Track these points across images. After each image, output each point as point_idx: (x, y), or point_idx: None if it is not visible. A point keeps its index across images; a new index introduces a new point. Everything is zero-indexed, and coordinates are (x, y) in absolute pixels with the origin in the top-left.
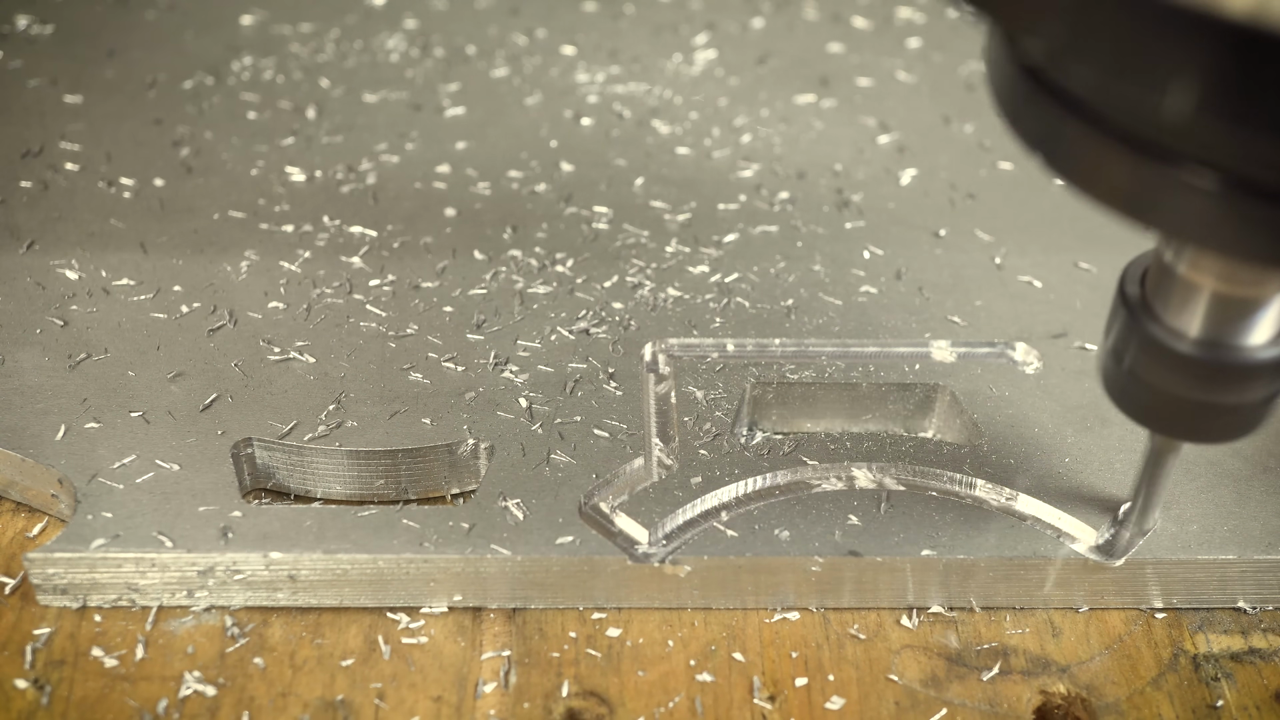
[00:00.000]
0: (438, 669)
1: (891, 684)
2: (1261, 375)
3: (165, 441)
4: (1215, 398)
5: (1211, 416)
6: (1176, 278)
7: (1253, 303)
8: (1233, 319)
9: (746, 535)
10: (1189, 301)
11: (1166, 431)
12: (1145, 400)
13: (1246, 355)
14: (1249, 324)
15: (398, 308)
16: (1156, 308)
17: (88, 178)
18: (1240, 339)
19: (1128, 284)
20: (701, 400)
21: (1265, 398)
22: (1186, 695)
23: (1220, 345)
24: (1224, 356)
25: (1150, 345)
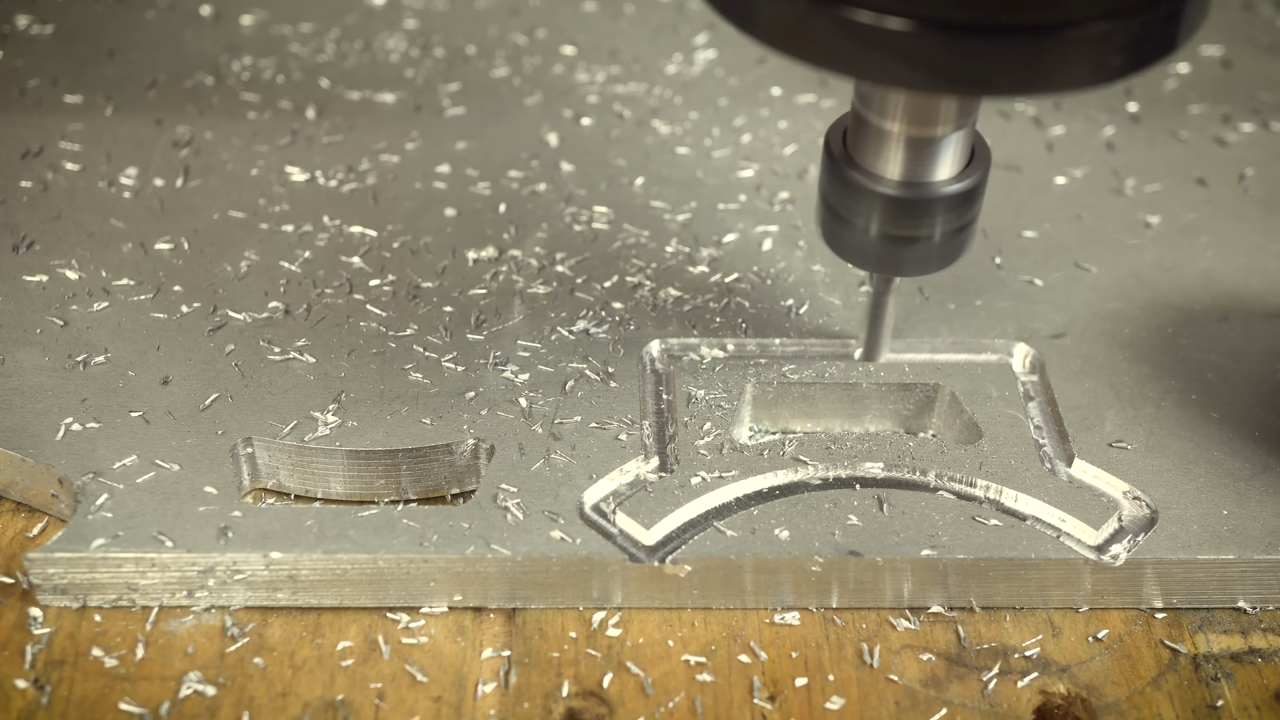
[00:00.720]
0: (438, 669)
1: (891, 684)
2: (953, 207)
3: (165, 441)
4: (913, 231)
5: (912, 249)
6: (869, 127)
7: (933, 142)
8: (920, 159)
9: (746, 535)
10: (881, 147)
11: (878, 268)
12: (856, 241)
13: (937, 190)
14: (934, 163)
15: (398, 308)
16: (856, 157)
17: (88, 178)
18: (929, 177)
19: (831, 141)
20: (701, 400)
21: (956, 228)
22: (1186, 695)
23: (913, 184)
24: (917, 193)
25: (855, 190)
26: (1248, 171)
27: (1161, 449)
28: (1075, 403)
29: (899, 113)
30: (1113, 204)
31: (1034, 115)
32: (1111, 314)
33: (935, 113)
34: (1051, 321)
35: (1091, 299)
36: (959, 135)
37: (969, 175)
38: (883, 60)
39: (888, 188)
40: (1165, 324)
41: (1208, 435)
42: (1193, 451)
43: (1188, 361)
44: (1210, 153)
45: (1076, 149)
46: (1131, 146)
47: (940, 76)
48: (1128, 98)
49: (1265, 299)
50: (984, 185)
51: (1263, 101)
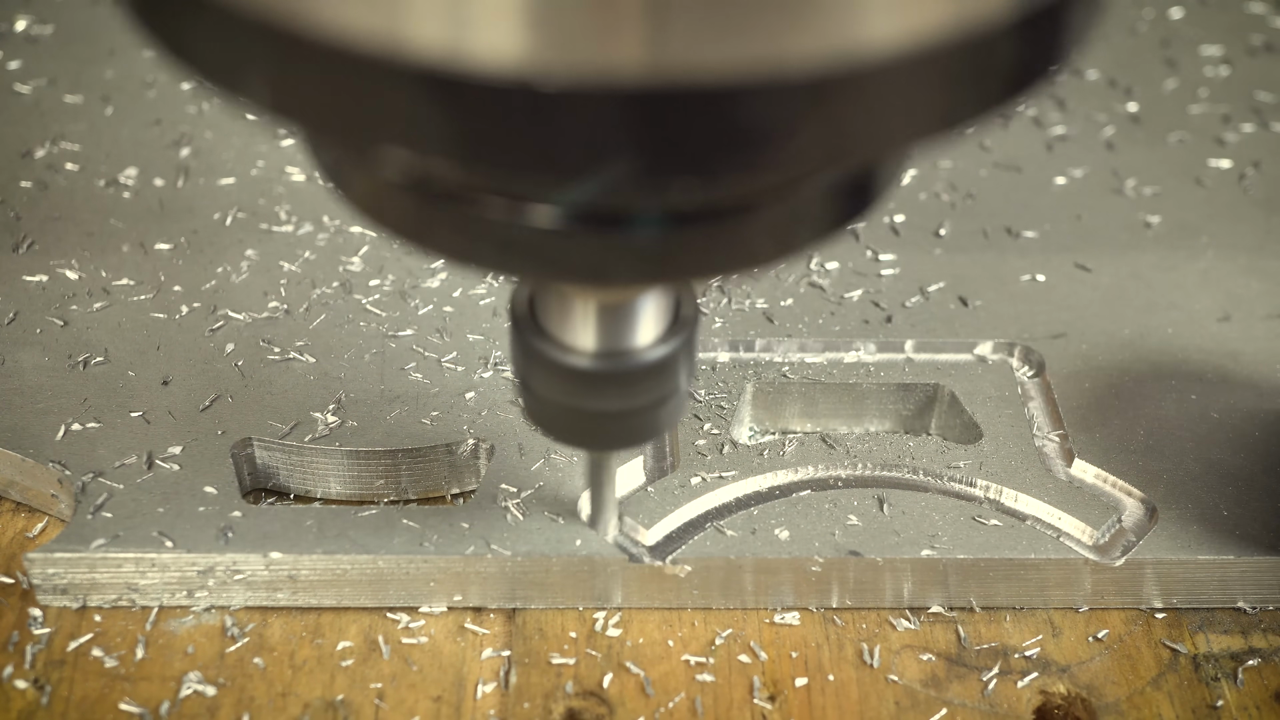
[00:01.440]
0: (438, 669)
1: (891, 684)
2: (658, 372)
3: (165, 442)
4: (612, 405)
5: (621, 423)
6: (555, 294)
7: (623, 308)
8: (613, 327)
9: (746, 535)
10: (569, 315)
11: (588, 445)
12: (560, 420)
13: (639, 358)
14: (629, 330)
15: (398, 308)
16: (547, 327)
17: (88, 178)
18: (629, 344)
19: (516, 306)
20: (701, 400)
21: (666, 394)
22: (1186, 695)
23: (613, 354)
24: (620, 364)
25: (553, 367)
26: (1248, 171)
27: (1161, 449)
28: (1075, 403)
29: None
30: (1113, 204)
31: (1034, 115)
32: (1111, 314)
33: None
34: (1051, 321)
35: (1091, 299)
36: (652, 300)
37: (670, 340)
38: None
39: (585, 360)
40: (1165, 324)
41: (1208, 435)
42: (1193, 451)
43: (1188, 361)
44: (1210, 153)
45: (1076, 149)
46: (1131, 146)
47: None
48: (1128, 98)
49: (1265, 299)
50: (691, 349)
51: (1262, 102)
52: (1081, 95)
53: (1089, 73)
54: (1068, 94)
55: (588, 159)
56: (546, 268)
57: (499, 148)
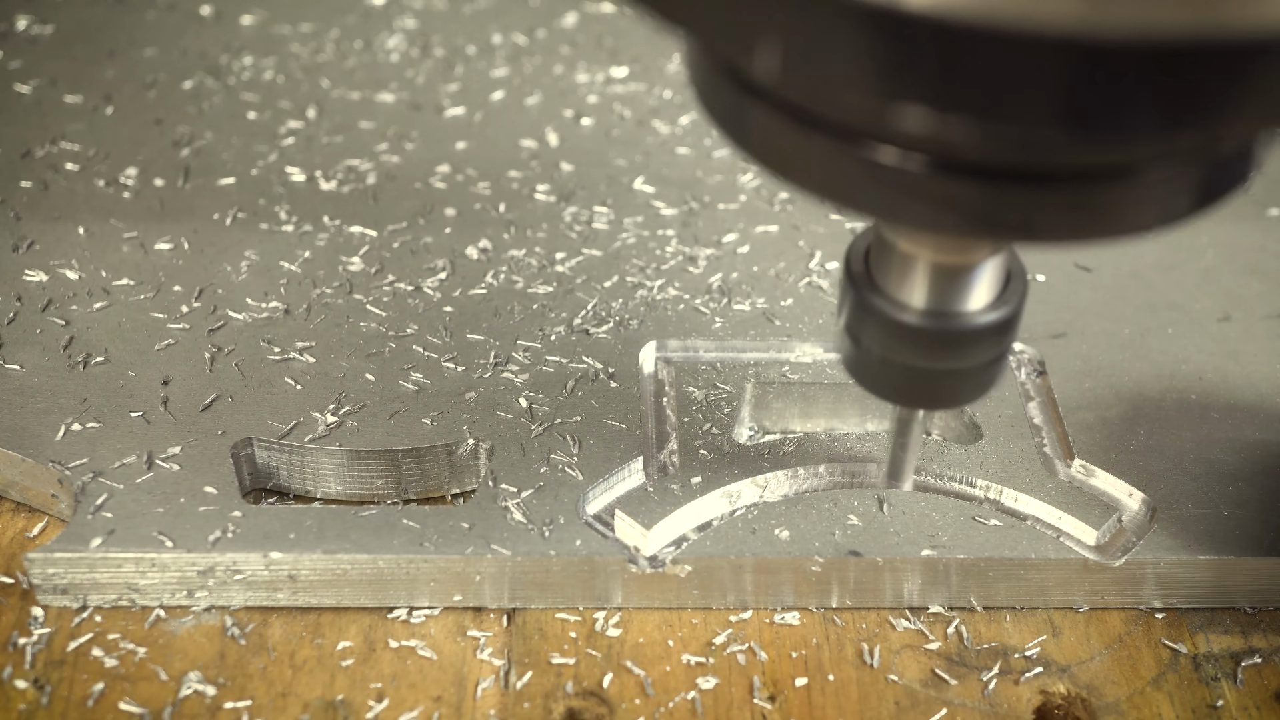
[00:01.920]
0: (438, 669)
1: (891, 684)
2: (983, 339)
3: (165, 441)
4: (942, 364)
5: (941, 383)
6: (894, 251)
7: (964, 270)
8: (950, 287)
9: (746, 535)
10: (908, 274)
11: (902, 401)
12: (880, 373)
13: (968, 321)
14: (966, 291)
15: (398, 308)
16: (880, 282)
17: (88, 178)
18: (959, 306)
19: (853, 261)
20: (701, 400)
21: (988, 362)
22: (1186, 695)
23: (942, 314)
24: (946, 324)
25: (877, 318)
26: None
27: (1161, 449)
28: (1075, 403)
29: (930, 239)
30: None
31: None
32: (1111, 314)
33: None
34: (1051, 321)
35: (1091, 299)
36: (994, 261)
37: (1004, 304)
38: (912, 207)
39: (913, 317)
40: (1165, 324)
41: (1208, 435)
42: (1193, 451)
43: (1188, 361)
44: None
45: None
46: None
47: (979, 224)
48: None
49: (1265, 299)
50: (1020, 315)
51: None
52: None
53: None
54: None
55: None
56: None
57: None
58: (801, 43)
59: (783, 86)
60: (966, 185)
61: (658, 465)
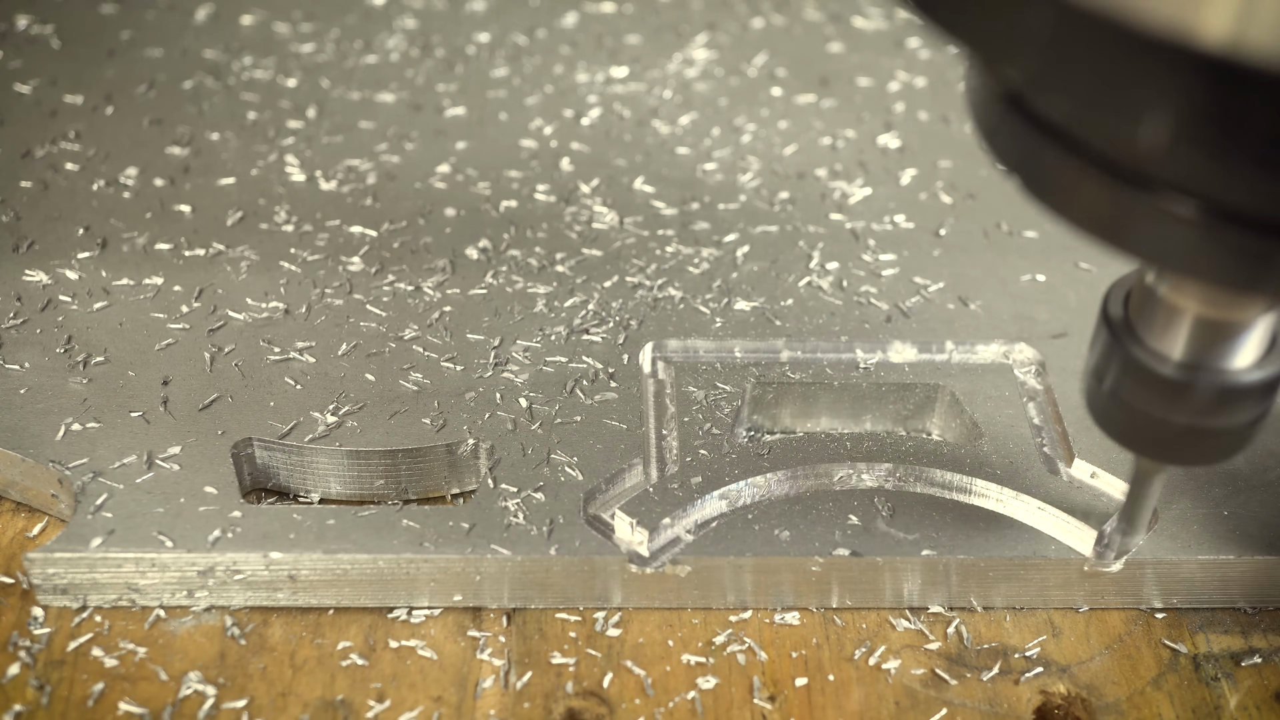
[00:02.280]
0: (438, 669)
1: (891, 684)
2: (1245, 399)
3: (165, 442)
4: (1198, 421)
5: (1195, 440)
6: (1159, 300)
7: (1235, 326)
8: (1215, 342)
9: (746, 535)
10: (1171, 324)
11: (1148, 454)
12: (1128, 422)
13: (1230, 379)
14: (1232, 347)
15: (398, 308)
16: (1139, 329)
17: (88, 178)
18: (1223, 362)
19: (1111, 305)
20: (701, 400)
21: (1249, 421)
22: (1186, 695)
23: (1203, 368)
24: (1207, 380)
25: (1133, 368)
26: None
27: None
28: (1075, 403)
29: (1201, 292)
30: None
31: None
32: None
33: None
34: (1051, 321)
35: (1091, 299)
36: (1266, 319)
37: (1269, 364)
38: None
39: (1171, 369)
40: None
41: None
42: None
43: None
44: None
45: None
46: None
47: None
48: None
49: None
50: None
51: None
52: None
53: None
54: None
55: None
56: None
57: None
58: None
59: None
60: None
61: (658, 465)
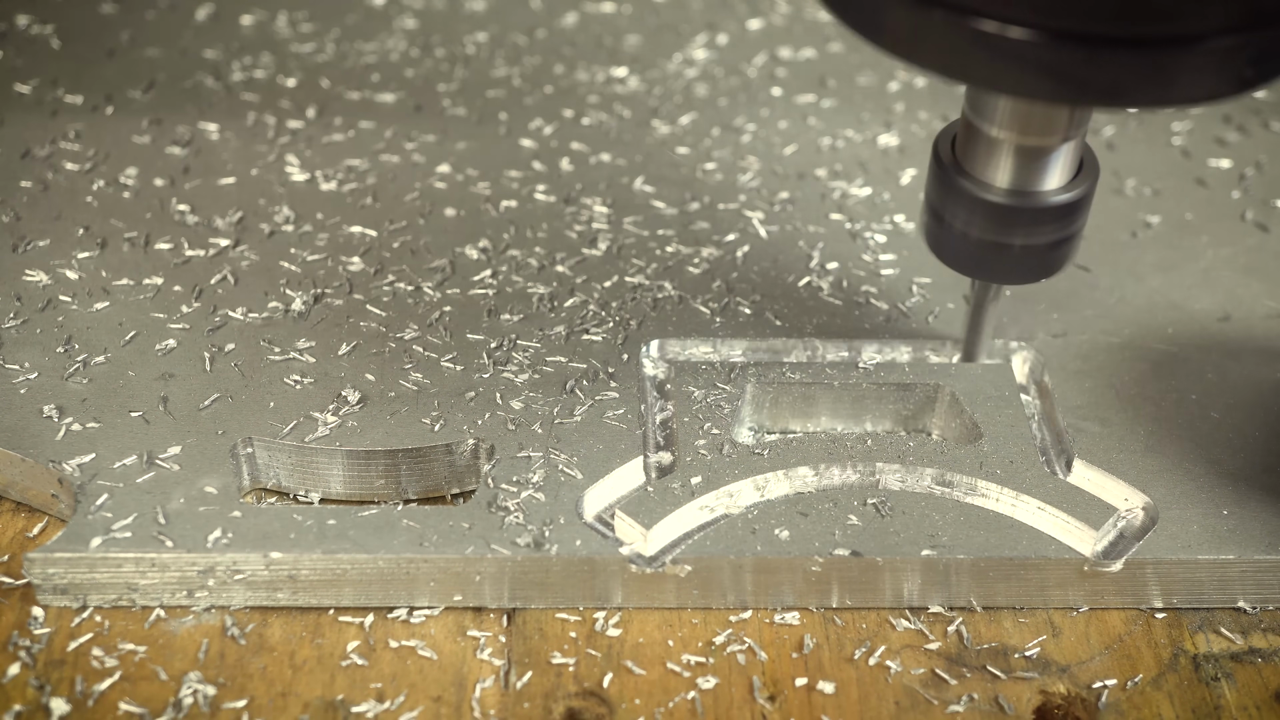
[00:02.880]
0: (438, 669)
1: (891, 684)
2: (1059, 217)
3: (165, 442)
4: (1018, 240)
5: (1017, 258)
6: (980, 135)
7: (1043, 151)
8: (1029, 168)
9: (746, 535)
10: (992, 155)
11: (981, 275)
12: (961, 249)
13: (1044, 199)
14: (1043, 172)
15: (398, 308)
16: (965, 164)
17: (88, 178)
18: (1038, 185)
19: (940, 145)
20: (701, 400)
21: (1063, 238)
22: (1186, 695)
23: (1021, 193)
24: (1025, 202)
25: (962, 198)
26: (1247, 172)
27: (1161, 449)
28: (1075, 403)
29: (1011, 122)
30: (1113, 204)
31: None
32: (1111, 314)
33: (1048, 123)
34: (1051, 321)
35: (1091, 299)
36: (1068, 146)
37: (1076, 186)
38: (1012, 72)
39: (995, 195)
40: (1165, 324)
41: (1208, 435)
42: (1193, 451)
43: (1188, 361)
44: (1210, 153)
45: None
46: (1131, 146)
47: (1071, 88)
48: None
49: (1265, 299)
50: (1090, 197)
51: (1263, 101)
52: None
53: None
54: None
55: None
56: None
57: None
58: None
59: None
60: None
61: (658, 465)
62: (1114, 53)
